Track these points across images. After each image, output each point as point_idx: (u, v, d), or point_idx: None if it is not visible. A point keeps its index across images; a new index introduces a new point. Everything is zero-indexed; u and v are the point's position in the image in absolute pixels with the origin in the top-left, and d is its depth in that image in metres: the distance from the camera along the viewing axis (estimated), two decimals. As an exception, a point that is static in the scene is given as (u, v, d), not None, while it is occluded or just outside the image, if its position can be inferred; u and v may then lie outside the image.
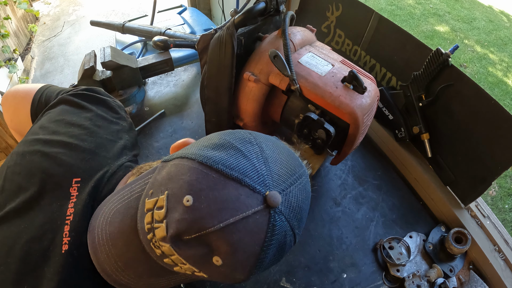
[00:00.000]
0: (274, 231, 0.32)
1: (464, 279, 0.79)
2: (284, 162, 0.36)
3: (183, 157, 0.35)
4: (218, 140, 0.36)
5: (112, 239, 0.38)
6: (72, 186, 0.46)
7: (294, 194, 0.34)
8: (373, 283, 0.78)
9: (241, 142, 0.35)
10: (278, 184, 0.33)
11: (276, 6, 0.78)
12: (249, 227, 0.31)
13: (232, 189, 0.31)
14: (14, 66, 1.80)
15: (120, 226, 0.38)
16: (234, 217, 0.30)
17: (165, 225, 0.32)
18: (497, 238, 0.82)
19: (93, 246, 0.39)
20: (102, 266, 0.38)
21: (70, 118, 0.53)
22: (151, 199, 0.35)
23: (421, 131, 0.90)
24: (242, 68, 0.79)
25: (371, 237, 0.85)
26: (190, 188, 0.32)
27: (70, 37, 2.20)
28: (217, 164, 0.32)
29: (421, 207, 0.93)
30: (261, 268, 0.34)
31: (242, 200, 0.31)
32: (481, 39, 3.29)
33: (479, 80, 2.81)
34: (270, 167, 0.34)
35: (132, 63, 1.09)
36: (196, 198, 0.31)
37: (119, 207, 0.40)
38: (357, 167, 1.01)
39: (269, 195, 0.32)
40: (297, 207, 0.35)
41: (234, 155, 0.33)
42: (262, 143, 0.36)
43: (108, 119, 0.57)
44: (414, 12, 3.59)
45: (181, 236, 0.31)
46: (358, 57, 1.05)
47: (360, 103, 0.69)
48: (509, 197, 2.00)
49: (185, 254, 0.32)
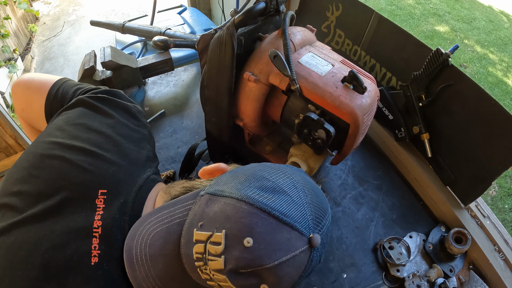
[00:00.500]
0: (311, 264, 0.38)
1: (464, 279, 0.79)
2: (319, 204, 0.42)
3: (239, 200, 0.38)
4: (268, 182, 0.40)
5: (152, 261, 0.40)
6: (98, 198, 0.45)
7: (325, 232, 0.41)
8: (373, 283, 0.78)
9: (288, 187, 0.40)
10: (316, 226, 0.39)
11: (276, 6, 0.78)
12: (295, 264, 0.37)
13: (285, 233, 0.37)
14: (14, 66, 1.81)
15: (161, 249, 0.40)
16: (286, 256, 0.36)
17: (223, 260, 0.36)
18: (497, 238, 0.82)
19: (131, 266, 0.40)
20: (140, 285, 0.40)
21: (91, 124, 0.51)
22: (203, 232, 0.38)
23: (421, 131, 0.90)
24: (242, 68, 0.79)
25: (371, 237, 0.85)
26: (250, 231, 0.36)
27: (70, 37, 2.20)
28: (274, 211, 0.37)
29: (421, 207, 0.93)
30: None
31: (293, 243, 0.37)
32: (481, 39, 3.29)
33: (479, 80, 2.81)
34: (312, 211, 0.40)
35: (132, 63, 1.09)
36: (256, 240, 0.35)
37: (159, 231, 0.42)
38: (357, 167, 1.01)
39: (313, 238, 0.38)
40: (326, 242, 0.41)
41: (286, 201, 0.38)
42: (304, 187, 0.42)
43: (130, 127, 0.56)
44: (414, 12, 3.59)
45: (237, 270, 0.36)
46: (358, 57, 1.05)
47: (360, 103, 0.69)
48: (509, 197, 2.00)
49: (237, 283, 0.36)
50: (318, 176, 0.98)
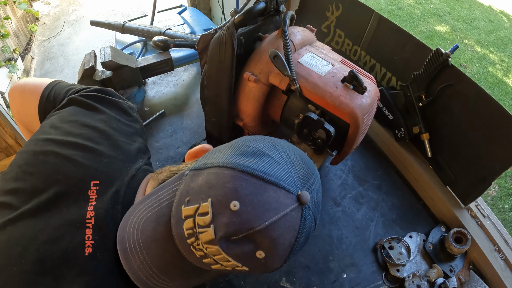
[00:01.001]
0: (305, 224, 0.37)
1: (464, 279, 0.79)
2: (304, 164, 0.41)
3: (221, 166, 0.38)
4: (248, 148, 0.40)
5: (146, 248, 0.39)
6: (91, 189, 0.46)
7: (315, 192, 0.40)
8: (373, 283, 0.78)
9: (269, 149, 0.40)
10: (304, 184, 0.38)
11: (276, 6, 0.78)
12: (288, 224, 0.36)
13: (272, 192, 0.36)
14: (14, 66, 1.81)
15: (153, 234, 0.40)
16: (276, 215, 0.35)
17: (212, 229, 0.35)
18: (497, 238, 0.82)
19: (125, 255, 0.40)
20: (136, 274, 0.39)
21: (84, 120, 0.53)
22: (190, 206, 0.37)
23: (421, 131, 0.90)
24: (242, 68, 0.79)
25: (371, 237, 0.85)
26: (235, 195, 0.35)
27: (70, 37, 2.20)
28: (257, 171, 0.36)
29: (421, 207, 0.93)
30: (293, 255, 0.38)
31: (281, 201, 0.36)
32: (481, 39, 3.29)
33: (479, 80, 2.81)
34: (297, 170, 0.39)
35: (132, 63, 1.09)
36: (242, 203, 0.35)
37: (149, 216, 0.41)
38: (357, 167, 1.01)
39: (301, 195, 0.37)
40: (318, 201, 0.40)
41: (268, 162, 0.38)
42: (286, 148, 0.41)
43: (122, 122, 0.57)
44: (414, 12, 3.59)
45: (229, 238, 0.35)
46: (358, 57, 1.05)
47: (360, 103, 0.69)
48: (509, 197, 2.00)
49: (232, 253, 0.35)
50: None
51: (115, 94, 0.60)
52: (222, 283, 0.75)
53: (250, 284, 0.75)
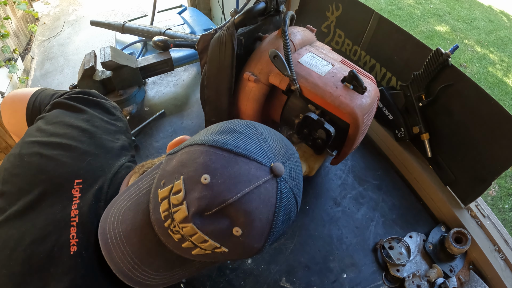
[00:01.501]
0: (282, 197, 0.36)
1: (464, 279, 0.79)
2: (279, 141, 0.41)
3: (192, 145, 0.38)
4: (220, 128, 0.39)
5: (126, 237, 0.39)
6: (74, 188, 0.46)
7: (292, 166, 0.39)
8: (373, 283, 0.78)
9: (241, 127, 0.39)
10: (279, 158, 0.38)
11: (276, 6, 0.78)
12: (262, 195, 0.35)
13: (243, 164, 0.35)
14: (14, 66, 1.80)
15: (132, 222, 0.39)
16: (248, 187, 0.34)
17: (185, 206, 0.34)
18: (497, 238, 0.82)
19: (107, 247, 0.39)
20: (118, 266, 0.38)
21: (67, 120, 0.54)
22: (165, 188, 0.37)
23: (421, 131, 0.90)
24: (242, 68, 0.79)
25: (371, 237, 0.85)
26: (206, 168, 0.35)
27: (70, 37, 2.20)
28: (226, 145, 0.36)
29: (421, 207, 0.93)
30: (274, 235, 0.37)
31: (253, 173, 0.35)
32: (481, 39, 3.29)
33: (479, 80, 2.81)
34: (270, 144, 0.38)
35: (132, 63, 1.09)
36: (213, 176, 0.34)
37: (129, 205, 0.41)
38: (357, 167, 1.01)
39: (275, 166, 0.36)
40: (296, 177, 0.39)
41: (238, 137, 0.37)
42: (258, 127, 0.41)
43: (105, 120, 0.58)
44: (414, 12, 3.59)
45: (202, 213, 0.34)
46: (358, 57, 1.05)
47: (360, 103, 0.69)
48: (509, 197, 2.00)
49: (207, 230, 0.34)
50: (318, 176, 0.98)
51: (98, 95, 0.62)
52: (222, 283, 0.75)
53: (250, 284, 0.75)
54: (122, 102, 1.10)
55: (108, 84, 1.07)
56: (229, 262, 0.78)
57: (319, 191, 0.94)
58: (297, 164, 0.41)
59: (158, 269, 0.39)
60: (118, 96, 1.09)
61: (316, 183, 0.96)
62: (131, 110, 1.14)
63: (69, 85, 1.10)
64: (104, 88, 1.08)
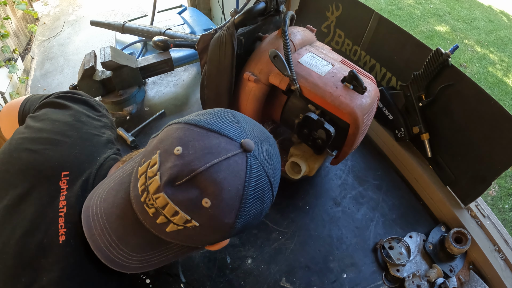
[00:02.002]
0: (252, 173, 0.37)
1: (464, 279, 0.79)
2: (254, 125, 0.43)
3: (170, 124, 0.41)
4: (197, 112, 0.43)
5: (106, 214, 0.41)
6: (62, 180, 0.48)
7: (265, 147, 0.41)
8: (373, 283, 0.78)
9: (217, 111, 0.42)
10: (251, 137, 0.39)
11: (276, 6, 0.78)
12: (231, 167, 0.36)
13: (213, 138, 0.37)
14: (14, 66, 1.80)
15: (113, 200, 0.41)
16: (217, 158, 0.36)
17: (158, 176, 0.36)
18: (497, 238, 0.82)
19: (88, 224, 0.41)
20: (96, 243, 0.40)
21: (54, 116, 0.56)
22: (144, 164, 0.39)
23: (421, 131, 0.90)
24: (242, 68, 0.79)
25: (371, 237, 0.85)
26: (179, 141, 0.37)
27: (70, 37, 2.20)
28: (200, 122, 0.39)
29: (421, 207, 0.93)
30: (245, 213, 0.38)
31: (223, 146, 0.37)
32: (481, 39, 3.29)
33: (479, 80, 2.81)
34: (242, 125, 0.41)
35: (132, 63, 1.09)
36: (185, 148, 0.36)
37: (113, 185, 0.43)
38: (357, 167, 1.01)
39: (244, 141, 0.38)
40: (269, 158, 0.41)
41: (212, 117, 0.40)
42: (234, 112, 0.43)
43: (91, 116, 0.60)
44: (414, 12, 3.59)
45: (173, 182, 0.36)
46: (358, 57, 1.05)
47: (360, 103, 0.69)
48: (509, 197, 2.00)
49: (178, 199, 0.36)
50: (318, 176, 0.98)
51: (84, 94, 0.65)
52: (222, 283, 0.75)
53: (250, 284, 0.75)
54: (122, 102, 1.10)
55: (108, 84, 1.07)
56: (228, 262, 0.78)
57: (319, 191, 0.94)
58: (272, 148, 0.43)
59: (135, 249, 0.40)
60: (118, 96, 1.09)
61: (316, 183, 0.96)
62: (131, 110, 1.14)
63: (69, 85, 1.10)
64: (104, 88, 1.08)
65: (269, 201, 0.41)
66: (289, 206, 0.90)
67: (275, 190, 0.42)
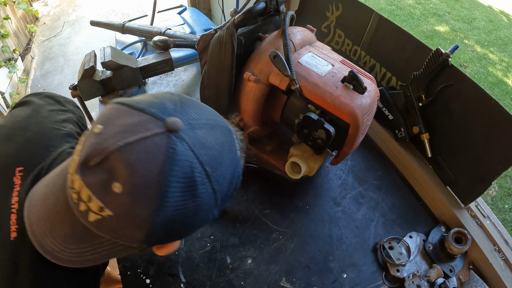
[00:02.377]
0: (176, 157, 0.32)
1: (464, 279, 0.79)
2: (202, 110, 0.38)
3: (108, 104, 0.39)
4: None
5: (43, 200, 0.40)
6: (16, 175, 0.47)
7: (206, 132, 0.36)
8: (373, 283, 0.78)
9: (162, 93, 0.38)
10: (185, 118, 0.35)
11: (276, 6, 0.78)
12: (148, 149, 0.32)
13: (136, 116, 0.34)
14: (14, 66, 1.80)
15: (52, 186, 0.41)
16: (133, 137, 0.32)
17: (77, 156, 0.34)
18: (497, 238, 0.82)
19: (28, 209, 0.41)
20: (32, 228, 0.39)
21: (17, 113, 0.57)
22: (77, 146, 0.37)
23: (421, 131, 0.90)
24: (242, 68, 0.79)
25: (371, 237, 0.85)
26: (101, 120, 0.35)
27: (70, 37, 2.20)
28: (130, 101, 0.35)
29: (421, 207, 0.93)
30: (167, 204, 0.32)
31: (143, 124, 0.33)
32: (481, 39, 3.29)
33: (479, 80, 2.81)
34: (181, 107, 0.36)
35: (132, 63, 1.09)
36: (105, 126, 0.34)
37: (57, 172, 0.43)
38: (357, 167, 1.01)
39: (169, 120, 0.33)
40: (209, 144, 0.35)
41: (147, 97, 0.37)
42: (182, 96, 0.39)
43: (54, 110, 0.60)
44: (414, 12, 3.59)
45: (87, 163, 0.33)
46: (358, 57, 1.05)
47: (360, 103, 0.69)
48: (509, 197, 2.00)
49: (89, 182, 0.33)
50: (318, 176, 0.98)
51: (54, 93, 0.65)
52: (222, 283, 0.75)
53: (250, 284, 0.76)
54: (122, 102, 1.10)
55: (108, 84, 1.07)
56: (228, 262, 0.78)
57: (319, 191, 0.94)
58: (221, 136, 0.38)
59: (66, 238, 0.39)
60: (118, 96, 1.09)
61: (316, 183, 0.96)
62: (131, 110, 1.14)
63: (69, 85, 1.10)
64: (104, 88, 1.08)
65: (208, 197, 0.35)
66: (289, 206, 0.90)
67: (221, 186, 0.36)
